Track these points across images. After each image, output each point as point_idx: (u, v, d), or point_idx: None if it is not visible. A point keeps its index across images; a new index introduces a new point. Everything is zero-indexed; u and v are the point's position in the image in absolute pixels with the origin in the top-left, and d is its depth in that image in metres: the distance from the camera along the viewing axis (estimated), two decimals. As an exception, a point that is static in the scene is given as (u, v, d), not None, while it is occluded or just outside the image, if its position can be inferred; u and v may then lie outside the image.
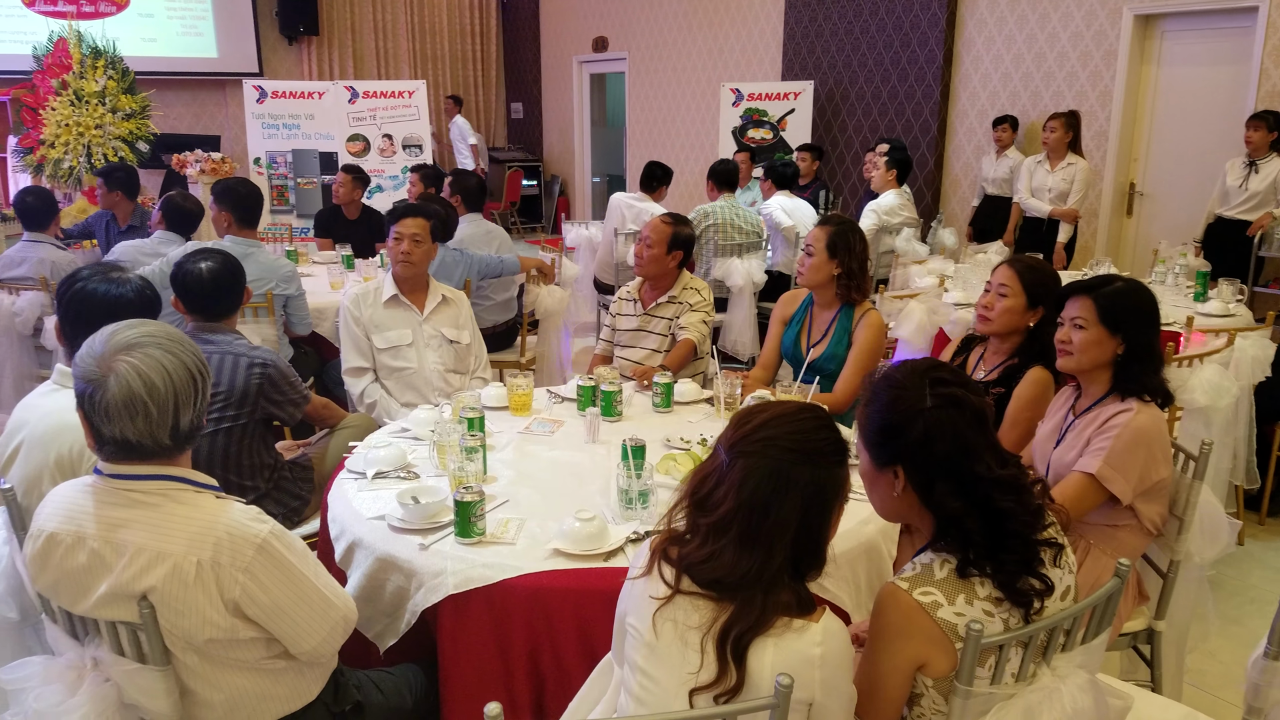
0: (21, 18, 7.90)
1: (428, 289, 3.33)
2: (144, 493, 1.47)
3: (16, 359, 4.19)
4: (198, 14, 8.86)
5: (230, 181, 3.78)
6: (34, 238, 4.27)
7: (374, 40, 10.00)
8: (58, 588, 1.50)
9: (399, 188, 7.47)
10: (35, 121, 6.13)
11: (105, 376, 1.42)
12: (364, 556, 1.96)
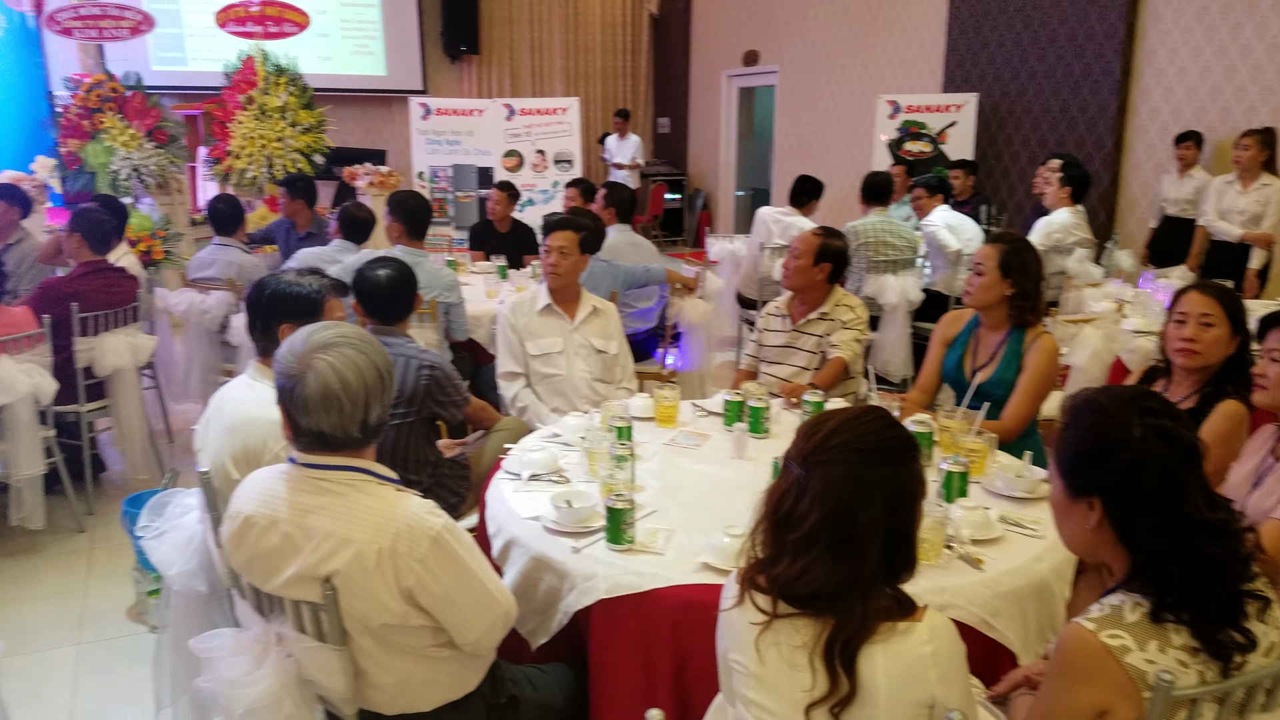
0: (213, 38, 8.65)
1: (579, 299, 3.44)
2: (333, 482, 1.59)
3: (205, 353, 4.60)
4: (369, 34, 9.48)
5: (403, 194, 4.02)
6: (223, 241, 4.67)
7: (530, 59, 10.40)
8: (251, 566, 1.64)
9: (549, 201, 7.73)
10: (223, 134, 6.71)
11: (304, 373, 1.55)
12: (519, 555, 2.04)
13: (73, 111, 6.27)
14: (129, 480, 4.29)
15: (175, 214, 6.65)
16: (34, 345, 3.56)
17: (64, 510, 3.87)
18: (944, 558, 1.90)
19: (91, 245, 3.95)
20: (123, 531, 3.75)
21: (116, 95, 6.23)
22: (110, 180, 6.24)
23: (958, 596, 1.79)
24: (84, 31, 6.37)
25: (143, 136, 6.27)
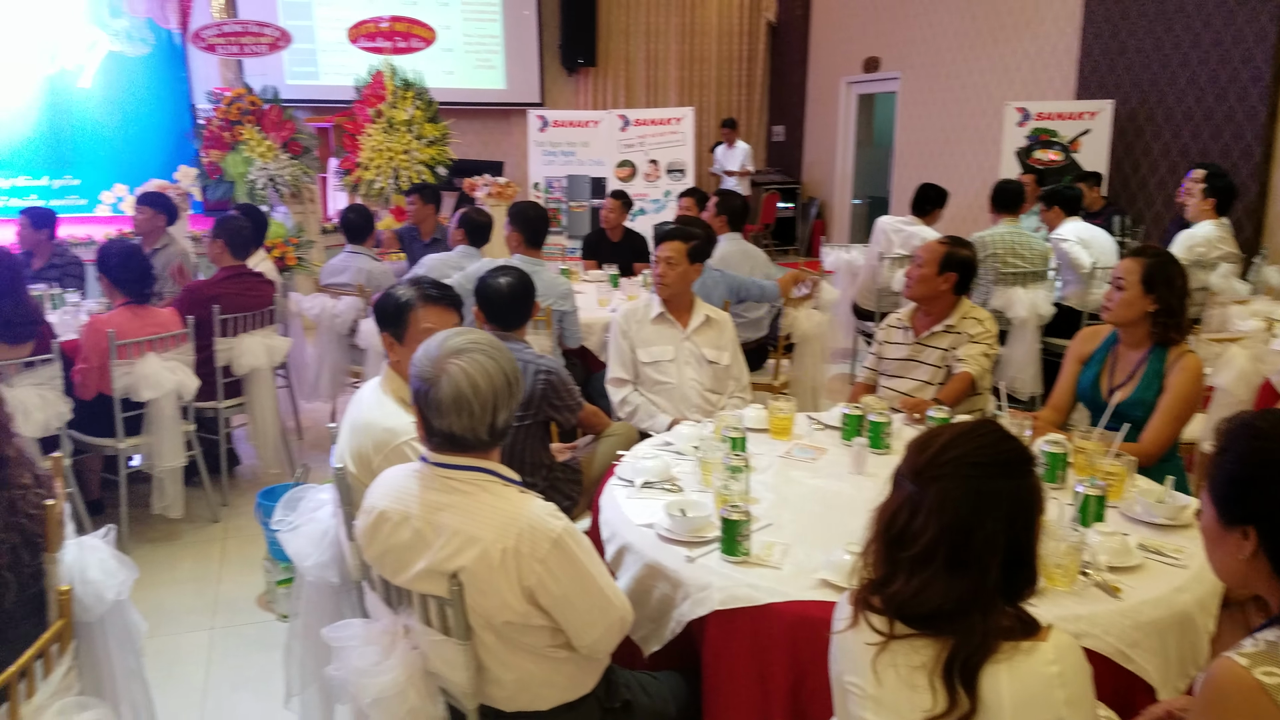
0: (344, 53, 9.11)
1: (692, 308, 3.46)
2: (461, 481, 1.66)
3: (334, 355, 4.84)
4: (490, 48, 9.80)
5: (523, 205, 4.14)
6: (354, 249, 4.91)
7: (645, 70, 10.53)
8: (383, 559, 1.72)
9: (660, 210, 7.79)
10: (353, 146, 7.05)
11: (439, 376, 1.62)
12: (633, 561, 2.07)
13: (214, 123, 6.71)
14: (261, 474, 4.54)
15: (307, 222, 7.02)
16: (179, 345, 3.83)
17: (200, 501, 4.13)
18: (1079, 584, 1.82)
19: (233, 251, 4.21)
20: (255, 522, 3.97)
21: (255, 108, 6.63)
22: (248, 189, 6.65)
23: (1093, 625, 1.72)
24: (226, 48, 6.81)
25: (278, 148, 6.65)
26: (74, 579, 2.06)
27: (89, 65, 8.84)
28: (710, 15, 10.90)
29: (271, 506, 3.30)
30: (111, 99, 8.95)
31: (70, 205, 7.56)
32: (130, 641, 2.17)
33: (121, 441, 3.70)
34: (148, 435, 3.74)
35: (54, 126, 8.84)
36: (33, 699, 1.62)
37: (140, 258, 3.79)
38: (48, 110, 8.80)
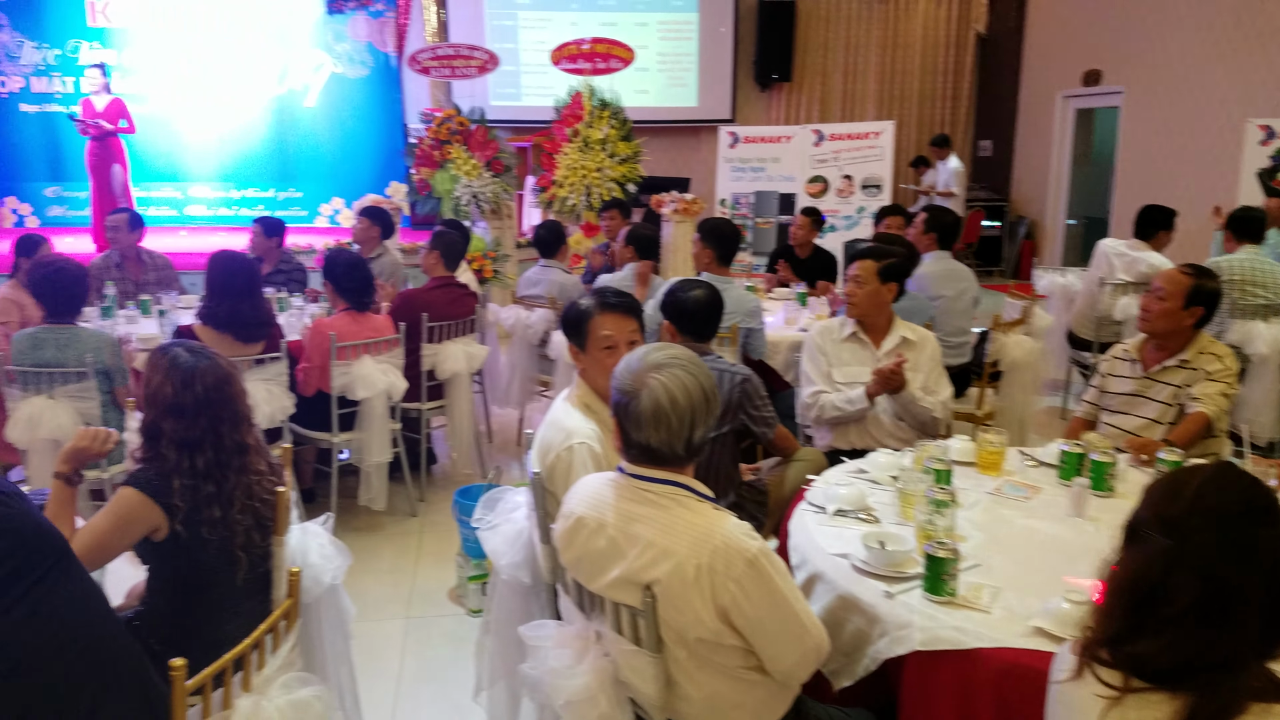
0: (545, 74, 9.55)
1: (889, 328, 3.36)
2: (657, 494, 1.68)
3: (525, 364, 5.05)
4: (684, 66, 9.97)
5: (716, 221, 4.16)
6: (547, 263, 5.12)
7: (842, 83, 10.38)
8: (579, 564, 1.76)
9: (852, 227, 7.62)
10: (550, 164, 7.35)
11: (639, 390, 1.66)
12: (825, 591, 2.01)
13: (426, 142, 7.18)
14: (454, 473, 4.80)
15: (504, 237, 7.38)
16: (391, 349, 4.11)
17: (401, 495, 4.40)
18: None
19: (446, 263, 4.50)
20: (450, 518, 4.19)
21: (463, 128, 7.05)
22: (453, 205, 7.07)
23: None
24: (439, 70, 7.29)
25: (482, 166, 7.04)
26: (297, 562, 2.25)
27: (314, 86, 9.75)
28: (914, 28, 10.60)
29: (468, 504, 3.48)
30: (332, 118, 9.83)
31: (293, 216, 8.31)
32: (341, 625, 2.33)
33: (335, 436, 4.01)
34: (359, 431, 4.03)
35: (281, 143, 9.82)
36: (262, 670, 1.77)
37: (364, 268, 4.11)
38: (276, 128, 9.78)
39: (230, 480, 2.07)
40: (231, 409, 2.10)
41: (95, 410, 3.49)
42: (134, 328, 4.43)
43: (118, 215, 5.31)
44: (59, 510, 2.02)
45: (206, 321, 3.63)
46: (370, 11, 9.61)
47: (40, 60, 9.27)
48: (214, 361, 2.09)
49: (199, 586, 2.07)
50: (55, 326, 3.52)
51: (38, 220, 9.53)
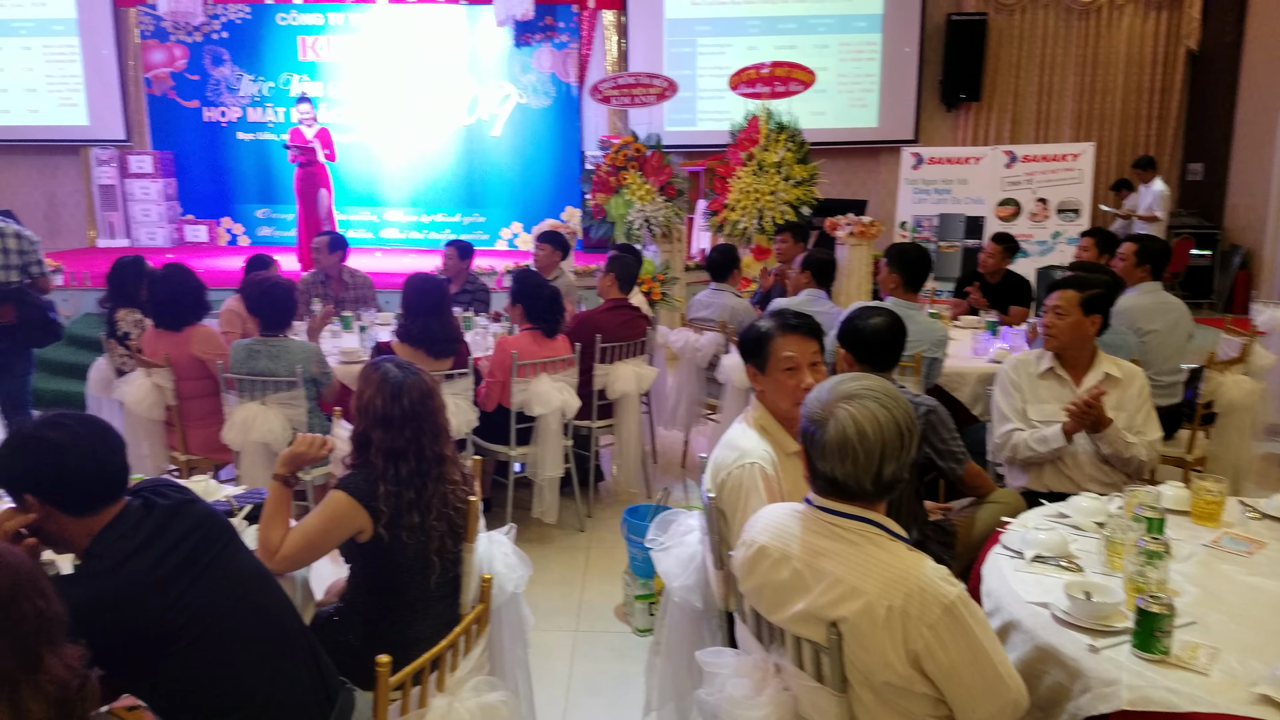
0: (720, 99, 9.66)
1: (1092, 364, 3.17)
2: (846, 529, 1.65)
3: (693, 387, 5.10)
4: (865, 87, 9.83)
5: (905, 246, 4.06)
6: (719, 286, 5.15)
7: (1036, 103, 9.90)
8: (760, 594, 1.76)
9: (1047, 252, 7.25)
10: (722, 188, 7.42)
11: (826, 419, 1.64)
12: (1021, 641, 1.92)
13: (602, 169, 7.41)
14: (620, 491, 4.90)
15: (673, 260, 7.50)
16: (567, 368, 4.26)
17: (570, 510, 4.54)
18: None
19: (621, 285, 4.63)
20: (616, 535, 4.28)
21: (639, 155, 7.24)
22: (625, 229, 7.26)
23: None
24: (619, 99, 7.52)
25: (655, 191, 7.19)
26: (483, 569, 2.36)
27: (500, 116, 10.28)
28: (1118, 45, 9.98)
29: (637, 524, 3.55)
30: (515, 146, 10.33)
31: (476, 240, 8.75)
32: (521, 633, 2.43)
33: (513, 449, 4.19)
34: (534, 446, 4.20)
35: (468, 170, 10.40)
36: (455, 672, 1.87)
37: (559, 304, 4.28)
38: (463, 156, 10.37)
39: (429, 488, 2.21)
40: (433, 422, 2.24)
41: (302, 416, 3.80)
42: (337, 342, 4.79)
43: (320, 238, 5.79)
44: (276, 509, 2.22)
45: (403, 338, 3.88)
46: (555, 44, 10.06)
47: (256, 92, 10.26)
48: (419, 377, 2.24)
49: (395, 587, 2.22)
50: (268, 338, 3.86)
51: (249, 239, 10.53)
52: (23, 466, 1.64)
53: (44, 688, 1.21)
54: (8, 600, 1.20)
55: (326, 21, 10.13)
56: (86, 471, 1.66)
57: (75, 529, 1.67)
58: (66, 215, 10.68)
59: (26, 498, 1.64)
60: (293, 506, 2.28)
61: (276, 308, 3.87)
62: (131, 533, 1.68)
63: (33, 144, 10.40)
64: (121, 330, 4.36)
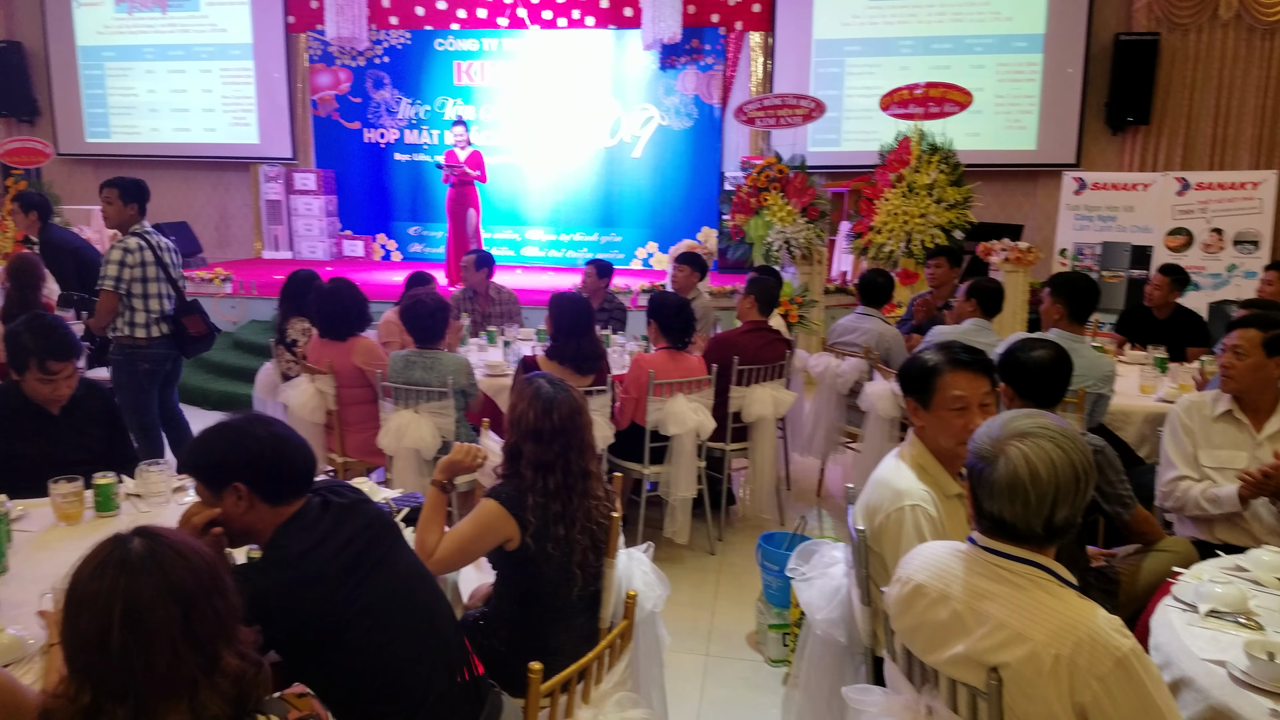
0: (867, 119, 9.53)
1: (1274, 409, 2.95)
2: (1013, 573, 1.60)
3: (832, 414, 5.03)
4: (1024, 108, 9.49)
5: (1072, 275, 3.90)
6: (866, 311, 5.07)
7: (1212, 127, 9.30)
8: (913, 634, 1.73)
9: (1220, 286, 6.80)
10: (869, 210, 7.30)
11: (996, 457, 1.59)
12: (1194, 700, 1.82)
13: (744, 190, 7.43)
14: (751, 516, 4.88)
15: (813, 282, 7.42)
16: (702, 389, 4.29)
17: (700, 532, 4.55)
18: None
19: (761, 308, 4.63)
20: (747, 560, 4.28)
21: (782, 176, 7.22)
22: (765, 251, 7.24)
23: None
24: (764, 120, 7.53)
25: (797, 212, 7.15)
26: (623, 585, 2.41)
27: (642, 138, 10.48)
28: (1305, 64, 9.28)
29: (772, 551, 3.53)
30: (654, 167, 10.50)
31: (611, 259, 8.93)
32: (657, 652, 2.46)
33: (646, 468, 4.24)
34: (667, 465, 4.24)
35: (606, 191, 10.65)
36: (599, 685, 1.92)
37: (688, 310, 4.33)
38: (603, 177, 10.62)
39: (574, 502, 2.28)
40: (580, 438, 2.31)
41: (450, 425, 3.98)
42: (482, 355, 4.98)
43: (469, 256, 6.04)
44: (432, 513, 2.33)
45: (550, 355, 4.01)
46: (700, 66, 10.19)
47: (413, 115, 10.83)
48: (569, 394, 2.32)
49: (539, 597, 2.29)
50: (423, 350, 4.06)
51: (400, 255, 11.10)
52: (244, 454, 1.79)
53: (221, 686, 1.26)
54: (190, 605, 1.24)
55: (481, 47, 10.60)
56: (295, 464, 1.82)
57: (268, 520, 1.81)
58: (235, 228, 11.54)
59: (238, 486, 1.78)
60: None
61: (430, 322, 4.07)
62: (312, 526, 1.81)
63: (209, 160, 11.31)
64: (290, 338, 4.67)
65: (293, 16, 10.71)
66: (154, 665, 1.20)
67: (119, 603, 1.20)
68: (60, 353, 2.84)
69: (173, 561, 1.25)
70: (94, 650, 1.20)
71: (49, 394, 2.86)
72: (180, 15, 10.59)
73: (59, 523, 2.55)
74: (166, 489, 2.74)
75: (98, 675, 1.21)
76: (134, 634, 1.19)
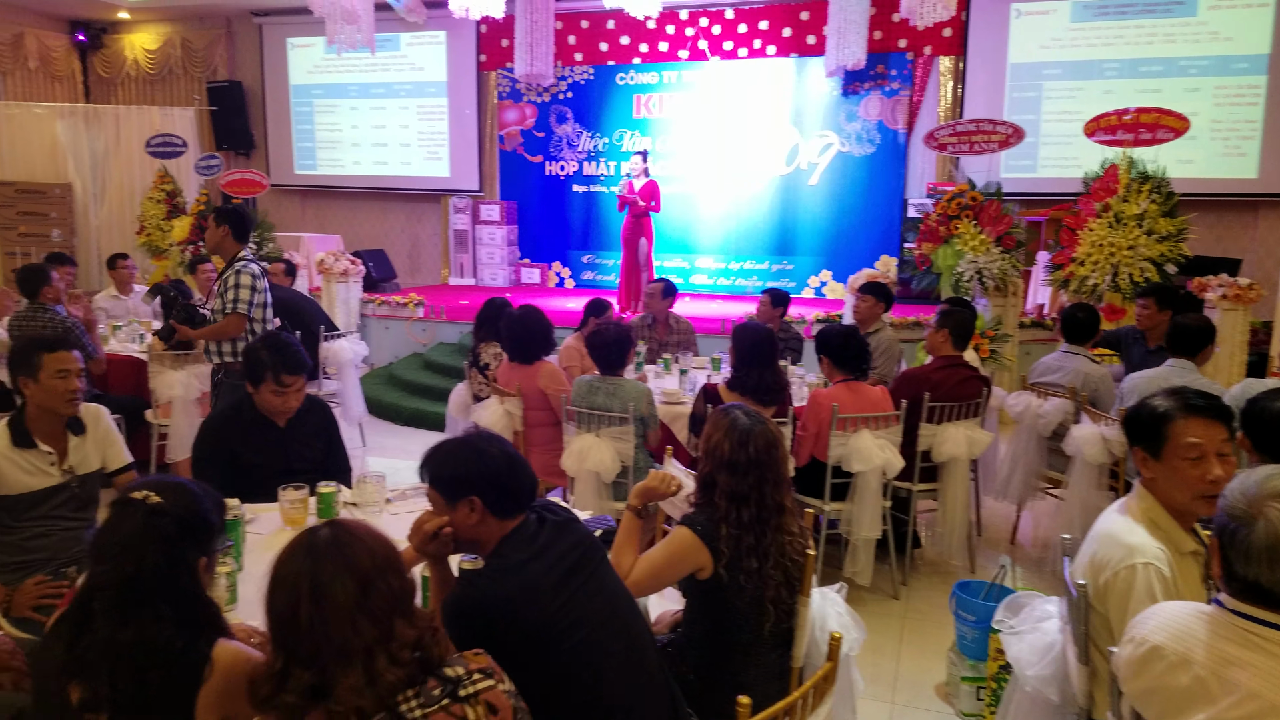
0: (1067, 145, 9.10)
1: None
2: (1267, 640, 1.48)
3: (1031, 457, 4.77)
4: (1244, 134, 8.77)
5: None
6: (1071, 349, 4.78)
7: None
8: (1148, 698, 1.61)
9: None
10: (1070, 241, 6.91)
11: (1254, 518, 1.48)
12: None
13: (932, 217, 7.21)
14: (938, 561, 4.69)
15: (1006, 315, 7.10)
16: (889, 425, 4.17)
17: (883, 575, 4.40)
18: None
19: (955, 342, 4.48)
20: (934, 606, 4.11)
21: (975, 203, 6.96)
22: (954, 281, 6.98)
23: None
24: (957, 146, 7.30)
25: (991, 241, 6.86)
26: (817, 625, 2.37)
27: (820, 165, 10.39)
28: None
29: (969, 600, 3.38)
30: (832, 194, 10.38)
31: (783, 286, 8.88)
32: (849, 697, 2.40)
33: (826, 504, 4.16)
34: (849, 503, 4.14)
35: (781, 218, 10.62)
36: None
37: (856, 337, 4.25)
38: (777, 204, 10.59)
39: (768, 536, 2.27)
40: (776, 471, 2.30)
41: (630, 451, 4.05)
42: (659, 383, 5.06)
43: (655, 284, 6.15)
44: (627, 537, 2.38)
45: (733, 386, 4.02)
46: (885, 91, 10.03)
47: (592, 148, 11.20)
48: (765, 426, 2.32)
49: (729, 629, 2.29)
50: (606, 376, 4.17)
51: (574, 282, 11.46)
52: (482, 471, 1.92)
53: (398, 655, 1.41)
54: (367, 583, 1.42)
55: (661, 80, 10.86)
56: (522, 482, 1.95)
57: (494, 532, 1.93)
58: (425, 255, 12.27)
59: (473, 499, 1.91)
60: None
61: (615, 350, 4.17)
62: (531, 539, 1.92)
63: (404, 192, 12.10)
64: (483, 361, 4.91)
65: (484, 55, 11.34)
66: (333, 635, 1.38)
67: (306, 582, 1.41)
68: (293, 368, 3.10)
69: (353, 546, 1.44)
70: (287, 623, 1.40)
71: (279, 406, 3.13)
72: (383, 55, 11.42)
73: (285, 526, 2.78)
74: (380, 499, 2.94)
75: (290, 645, 1.40)
76: (318, 608, 1.39)
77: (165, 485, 1.72)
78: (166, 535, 1.65)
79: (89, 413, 2.98)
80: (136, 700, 1.55)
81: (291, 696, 1.38)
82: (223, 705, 1.61)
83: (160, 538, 1.64)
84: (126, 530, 1.64)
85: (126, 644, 1.57)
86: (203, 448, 3.13)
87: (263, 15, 12.09)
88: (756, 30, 10.23)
